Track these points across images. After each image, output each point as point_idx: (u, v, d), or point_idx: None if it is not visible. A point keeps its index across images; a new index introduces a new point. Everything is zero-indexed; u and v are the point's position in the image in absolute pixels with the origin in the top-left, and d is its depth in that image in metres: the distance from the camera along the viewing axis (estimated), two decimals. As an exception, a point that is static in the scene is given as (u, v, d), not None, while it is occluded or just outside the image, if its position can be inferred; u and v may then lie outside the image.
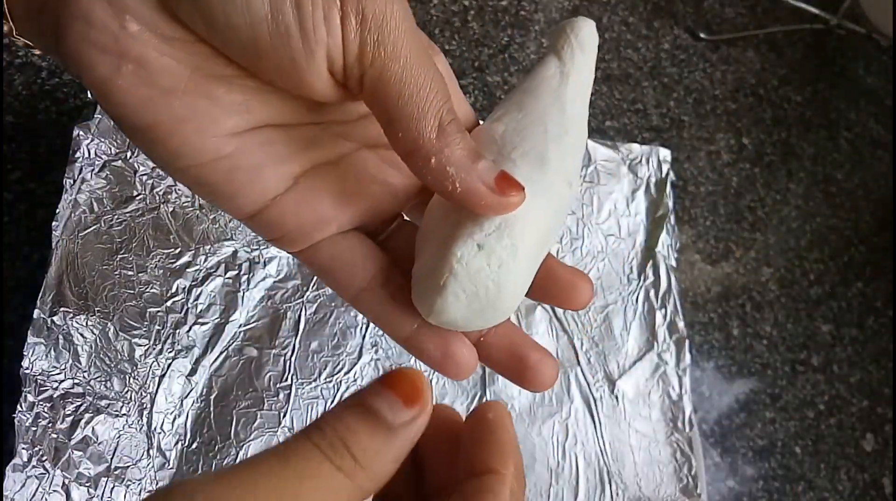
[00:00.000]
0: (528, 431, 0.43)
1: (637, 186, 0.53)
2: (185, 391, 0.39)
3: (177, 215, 0.42)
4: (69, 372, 0.36)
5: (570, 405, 0.45)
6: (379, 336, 0.44)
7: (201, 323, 0.41)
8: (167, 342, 0.39)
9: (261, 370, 0.41)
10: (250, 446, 0.39)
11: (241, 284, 0.42)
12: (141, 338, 0.38)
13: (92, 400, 0.36)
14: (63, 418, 0.35)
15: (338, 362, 0.42)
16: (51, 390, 0.35)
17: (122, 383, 0.37)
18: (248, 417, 0.40)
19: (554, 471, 0.43)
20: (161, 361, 0.39)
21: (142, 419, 0.37)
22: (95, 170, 0.39)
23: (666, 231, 0.51)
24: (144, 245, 0.40)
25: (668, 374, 0.47)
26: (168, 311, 0.40)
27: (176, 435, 0.38)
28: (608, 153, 0.53)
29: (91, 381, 0.36)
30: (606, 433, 0.44)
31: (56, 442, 0.34)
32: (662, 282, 0.50)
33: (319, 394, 0.41)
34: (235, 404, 0.40)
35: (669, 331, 0.48)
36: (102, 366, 0.37)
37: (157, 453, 0.37)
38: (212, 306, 0.41)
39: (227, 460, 0.38)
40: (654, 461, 0.44)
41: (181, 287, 0.41)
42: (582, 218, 0.51)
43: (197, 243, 0.42)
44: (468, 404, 0.43)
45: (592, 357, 0.46)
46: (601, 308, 0.48)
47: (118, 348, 0.37)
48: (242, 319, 0.42)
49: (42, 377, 0.35)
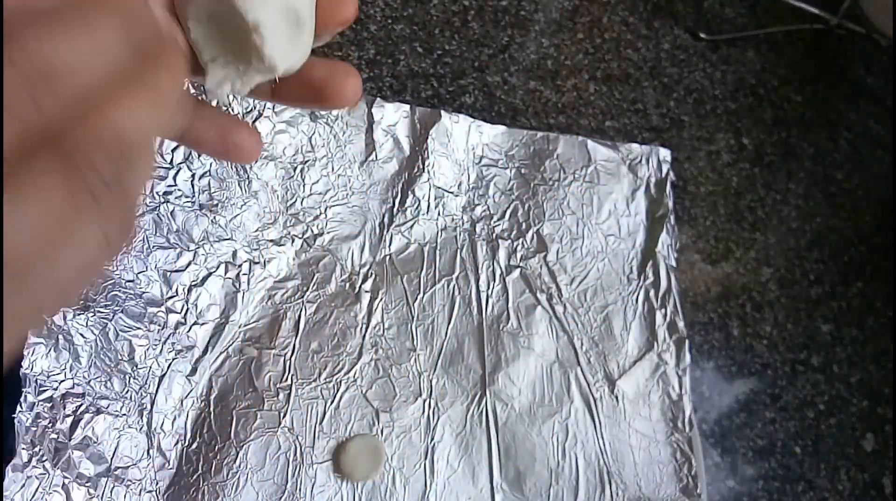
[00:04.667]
0: (527, 431, 0.43)
1: (637, 186, 0.53)
2: (185, 392, 0.39)
3: (176, 215, 0.42)
4: (69, 372, 0.36)
5: (570, 405, 0.45)
6: (379, 336, 0.44)
7: (201, 323, 0.41)
8: (167, 343, 0.39)
9: (261, 370, 0.41)
10: (250, 446, 0.39)
11: (240, 284, 0.42)
12: (141, 338, 0.38)
13: (92, 400, 0.36)
14: (63, 418, 0.35)
15: (338, 362, 0.43)
16: (51, 390, 0.35)
17: (123, 383, 0.37)
18: (248, 417, 0.40)
19: (554, 471, 0.43)
20: (161, 361, 0.39)
21: (142, 419, 0.37)
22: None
23: (666, 231, 0.51)
24: (145, 245, 0.40)
25: (668, 374, 0.47)
26: (168, 311, 0.40)
27: (176, 435, 0.38)
28: (608, 153, 0.53)
29: (91, 381, 0.36)
30: (606, 433, 0.44)
31: (56, 443, 0.34)
32: (662, 282, 0.50)
33: (319, 394, 0.41)
34: (235, 404, 0.40)
35: (669, 331, 0.48)
36: (102, 366, 0.37)
37: (157, 453, 0.37)
38: (212, 307, 0.41)
39: (227, 460, 0.38)
40: (654, 461, 0.44)
41: (181, 287, 0.41)
42: (582, 218, 0.51)
43: (197, 244, 0.42)
44: (468, 404, 0.43)
45: (592, 357, 0.46)
46: (601, 308, 0.48)
47: (118, 348, 0.37)
48: (242, 319, 0.42)
49: (42, 376, 0.35)
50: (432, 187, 0.48)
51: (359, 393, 0.42)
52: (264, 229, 0.44)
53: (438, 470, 0.41)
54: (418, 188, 0.48)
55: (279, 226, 0.45)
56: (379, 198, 0.48)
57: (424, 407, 0.43)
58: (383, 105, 0.48)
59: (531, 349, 0.46)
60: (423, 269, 0.47)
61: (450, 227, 0.48)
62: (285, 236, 0.45)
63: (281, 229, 0.45)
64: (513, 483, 0.42)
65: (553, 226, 0.50)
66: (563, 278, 0.49)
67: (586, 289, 0.49)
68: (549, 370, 0.46)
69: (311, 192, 0.46)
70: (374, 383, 0.43)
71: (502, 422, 0.43)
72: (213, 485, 0.37)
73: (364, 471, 0.40)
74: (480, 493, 0.41)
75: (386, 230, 0.47)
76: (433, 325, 0.45)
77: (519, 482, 0.42)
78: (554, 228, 0.50)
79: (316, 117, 0.46)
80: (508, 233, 0.49)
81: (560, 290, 0.48)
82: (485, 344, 0.45)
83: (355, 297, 0.45)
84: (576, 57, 0.60)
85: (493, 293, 0.47)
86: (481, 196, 0.50)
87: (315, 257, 0.45)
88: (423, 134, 0.49)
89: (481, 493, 0.41)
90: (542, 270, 0.48)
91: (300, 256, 0.45)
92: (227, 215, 0.43)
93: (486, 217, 0.49)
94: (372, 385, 0.42)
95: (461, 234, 0.48)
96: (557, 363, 0.46)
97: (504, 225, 0.49)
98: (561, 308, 0.48)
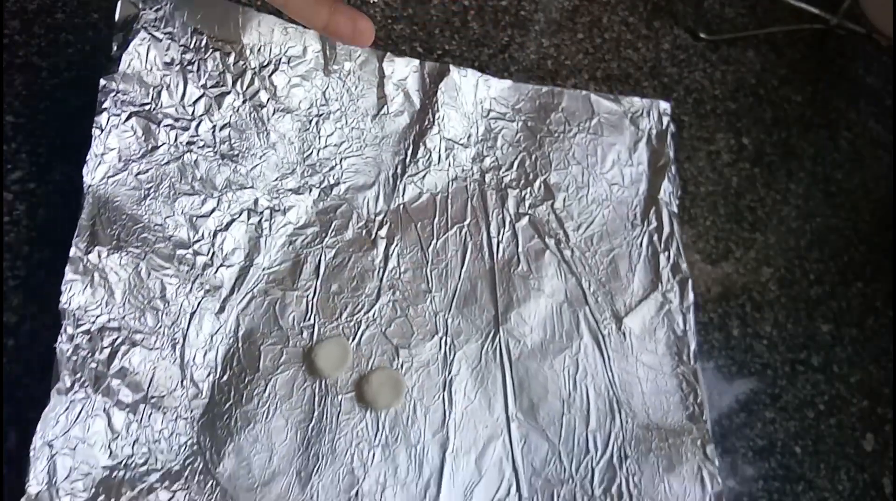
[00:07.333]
0: (540, 365, 0.45)
1: (639, 137, 0.55)
2: (214, 328, 0.41)
3: (199, 163, 0.43)
4: (105, 308, 0.38)
5: (579, 341, 0.47)
6: (395, 279, 0.46)
7: (227, 265, 0.43)
8: (196, 282, 0.41)
9: (285, 310, 0.43)
10: (278, 379, 0.41)
11: (262, 230, 0.44)
12: (171, 278, 0.40)
13: (127, 334, 0.38)
14: (101, 349, 0.37)
15: (357, 302, 0.44)
16: (88, 324, 0.37)
17: (156, 318, 0.39)
18: (274, 353, 0.41)
19: (566, 402, 0.45)
20: (191, 299, 0.41)
21: (175, 352, 0.39)
22: (122, 120, 0.41)
23: (667, 179, 0.53)
24: (171, 191, 0.42)
25: (672, 312, 0.49)
26: (195, 253, 0.42)
27: (208, 368, 0.40)
28: (611, 107, 0.55)
29: (126, 316, 0.38)
30: (615, 367, 0.46)
31: (96, 372, 0.36)
32: (665, 227, 0.52)
33: (341, 332, 0.43)
34: (262, 340, 0.42)
35: (672, 272, 0.50)
36: (136, 303, 0.39)
37: (191, 383, 0.39)
38: (236, 250, 0.43)
39: (257, 390, 0.40)
40: (661, 391, 0.46)
41: (207, 232, 0.43)
42: (587, 168, 0.53)
43: (220, 191, 0.44)
44: (482, 341, 0.45)
45: (600, 297, 0.48)
46: (607, 252, 0.50)
47: (150, 286, 0.39)
48: (266, 262, 0.44)
49: (80, 311, 0.37)
50: (442, 139, 0.50)
51: (378, 331, 0.44)
52: (283, 179, 0.46)
53: (456, 401, 0.43)
54: (429, 140, 0.50)
55: (297, 176, 0.47)
56: (392, 150, 0.49)
57: (441, 344, 0.45)
58: (393, 60, 0.50)
59: (541, 291, 0.48)
60: (436, 217, 0.49)
61: (460, 177, 0.50)
62: (303, 185, 0.46)
63: (299, 178, 0.46)
64: (527, 412, 0.44)
65: (559, 175, 0.52)
66: (570, 225, 0.51)
67: (592, 234, 0.51)
68: (559, 309, 0.48)
69: (326, 144, 0.48)
70: (392, 322, 0.44)
71: (515, 357, 0.45)
72: (244, 413, 0.39)
73: (386, 400, 0.42)
74: (497, 421, 0.43)
75: (399, 180, 0.49)
76: (447, 268, 0.47)
77: (533, 411, 0.44)
78: (560, 177, 0.52)
79: (329, 72, 0.48)
80: (517, 183, 0.51)
81: (567, 235, 0.50)
82: (497, 286, 0.47)
83: (372, 243, 0.47)
84: (576, 57, 0.61)
85: (503, 239, 0.49)
86: (490, 148, 0.52)
87: (332, 205, 0.47)
88: (432, 88, 0.51)
89: (497, 421, 0.43)
90: (550, 217, 0.50)
91: (318, 204, 0.47)
92: (247, 164, 0.45)
93: (495, 168, 0.51)
94: (391, 324, 0.44)
95: (471, 184, 0.50)
96: (567, 303, 0.48)
97: (512, 175, 0.51)
98: (569, 252, 0.50)
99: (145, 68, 0.42)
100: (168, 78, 0.43)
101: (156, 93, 0.42)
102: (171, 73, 0.43)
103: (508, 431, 0.43)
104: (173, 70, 0.43)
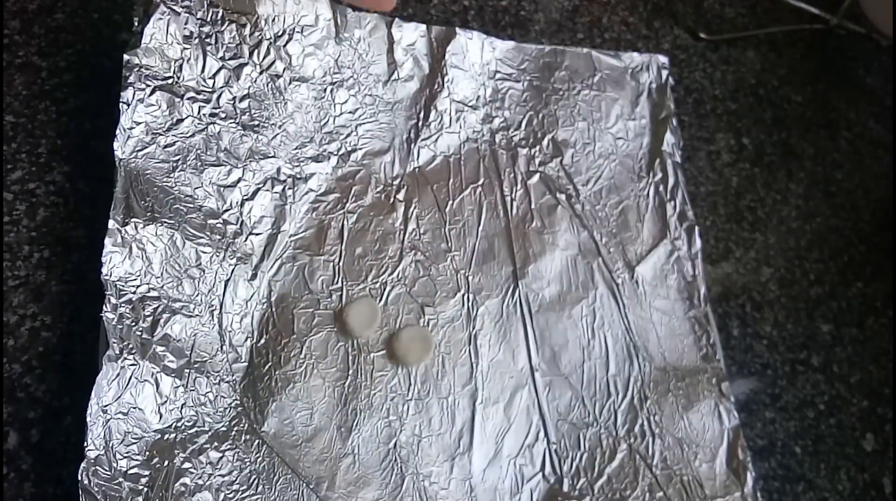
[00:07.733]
0: (559, 316, 0.47)
1: (640, 91, 0.56)
2: (248, 294, 0.42)
3: (223, 135, 0.44)
4: (144, 278, 0.39)
5: (594, 291, 0.49)
6: (416, 240, 0.47)
7: (256, 233, 0.44)
8: (228, 250, 0.42)
9: (314, 275, 0.44)
10: (312, 341, 0.42)
11: (287, 198, 0.45)
12: (205, 247, 0.41)
13: (167, 303, 0.39)
14: (144, 318, 0.38)
15: (381, 264, 0.46)
16: (129, 294, 0.38)
17: (193, 287, 0.40)
18: (306, 316, 0.43)
19: (585, 349, 0.47)
20: (225, 267, 0.42)
21: (213, 319, 0.41)
22: (147, 94, 0.42)
23: (669, 131, 0.55)
24: (198, 162, 0.43)
25: (681, 259, 0.51)
26: (225, 223, 0.43)
27: (245, 333, 0.41)
28: (612, 63, 0.56)
29: (164, 285, 0.39)
30: (630, 314, 0.48)
31: (141, 339, 0.37)
32: (670, 178, 0.54)
33: (368, 293, 0.45)
34: (294, 305, 0.43)
35: (680, 221, 0.52)
36: (173, 272, 0.40)
37: (230, 348, 0.41)
38: (263, 219, 0.44)
39: (294, 352, 0.42)
40: (675, 334, 0.49)
41: (234, 201, 0.44)
42: (592, 123, 0.54)
43: (244, 161, 0.45)
44: (503, 296, 0.47)
45: (612, 248, 0.50)
46: (616, 204, 0.52)
47: (186, 255, 0.41)
48: (292, 229, 0.45)
49: (121, 282, 0.38)
50: (452, 102, 0.52)
51: (404, 291, 0.46)
52: (302, 147, 0.47)
53: (482, 354, 0.45)
54: (440, 104, 0.51)
55: (315, 144, 0.48)
56: (404, 114, 0.51)
57: (464, 301, 0.46)
58: (401, 25, 0.51)
59: (555, 245, 0.50)
60: (451, 178, 0.50)
61: (471, 138, 0.52)
62: (322, 153, 0.48)
63: (317, 146, 0.48)
64: (549, 362, 0.46)
65: (566, 132, 0.53)
66: (580, 180, 0.52)
67: (601, 188, 0.52)
68: (574, 261, 0.49)
69: (341, 111, 0.49)
70: (416, 281, 0.46)
71: (535, 310, 0.47)
72: (284, 373, 0.41)
73: (416, 356, 0.43)
74: (521, 372, 0.45)
75: (413, 144, 0.50)
76: (464, 228, 0.49)
77: (555, 360, 0.46)
78: (567, 134, 0.53)
79: (340, 39, 0.49)
80: (526, 141, 0.53)
81: (577, 190, 0.52)
82: (513, 242, 0.49)
83: (391, 207, 0.48)
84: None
85: (516, 197, 0.51)
86: (498, 109, 0.53)
87: (351, 171, 0.48)
88: (440, 52, 0.52)
89: (522, 372, 0.45)
90: (560, 173, 0.52)
91: (337, 171, 0.48)
92: (268, 134, 0.46)
93: (505, 128, 0.53)
94: (415, 284, 0.46)
95: (482, 144, 0.52)
96: (580, 255, 0.50)
97: (521, 134, 0.53)
98: (580, 206, 0.51)
99: (167, 42, 0.43)
100: (188, 51, 0.44)
101: (177, 66, 0.43)
102: (191, 46, 0.44)
103: (533, 380, 0.45)
104: (192, 43, 0.44)
